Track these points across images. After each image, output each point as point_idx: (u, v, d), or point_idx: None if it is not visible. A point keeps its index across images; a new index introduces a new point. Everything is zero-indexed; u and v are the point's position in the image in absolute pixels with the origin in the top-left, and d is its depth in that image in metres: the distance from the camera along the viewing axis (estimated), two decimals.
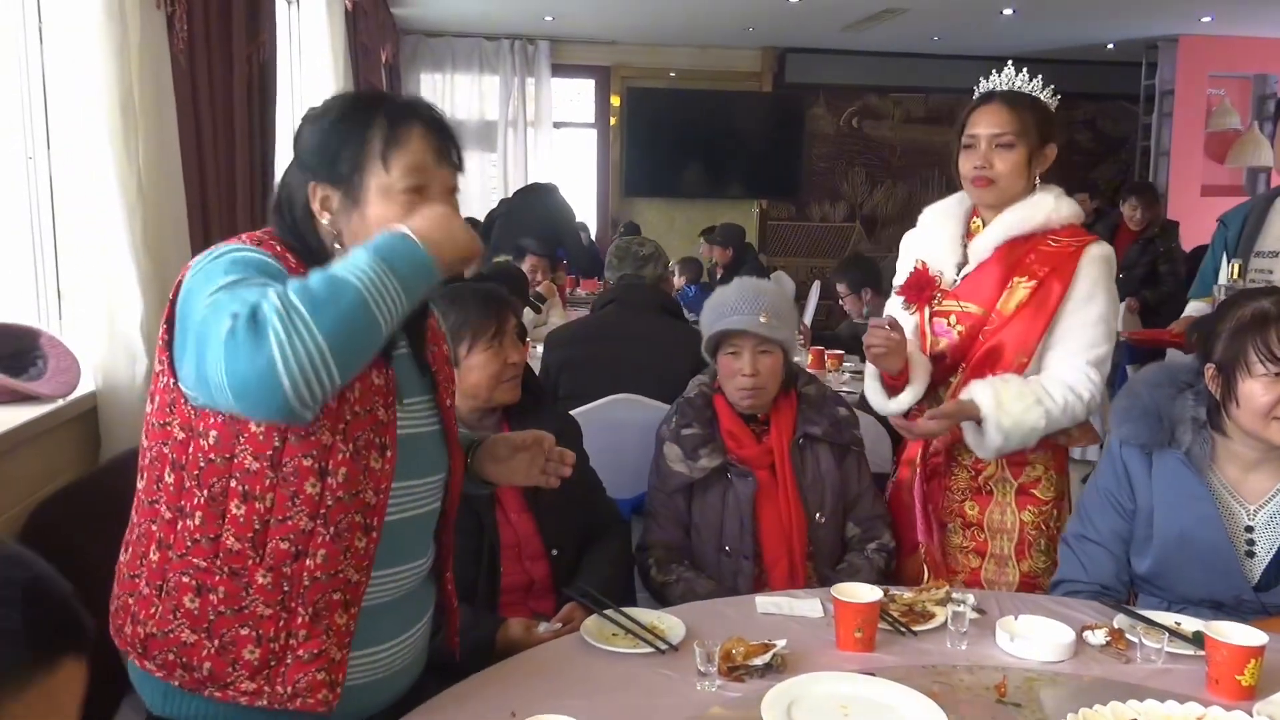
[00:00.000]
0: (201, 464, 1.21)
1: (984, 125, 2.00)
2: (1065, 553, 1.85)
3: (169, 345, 1.21)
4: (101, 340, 2.02)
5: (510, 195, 6.92)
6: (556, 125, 8.78)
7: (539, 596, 1.91)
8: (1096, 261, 1.98)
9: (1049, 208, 2.01)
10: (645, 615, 1.58)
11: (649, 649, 1.48)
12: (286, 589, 1.22)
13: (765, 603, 1.67)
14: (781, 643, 1.45)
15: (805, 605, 1.66)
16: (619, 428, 2.36)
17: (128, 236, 1.99)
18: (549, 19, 7.73)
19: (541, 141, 8.60)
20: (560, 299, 5.29)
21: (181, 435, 1.22)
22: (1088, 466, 3.40)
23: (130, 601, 1.26)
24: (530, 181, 7.21)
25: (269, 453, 1.20)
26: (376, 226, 1.19)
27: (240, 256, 1.18)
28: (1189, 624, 1.56)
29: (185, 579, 1.23)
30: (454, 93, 8.50)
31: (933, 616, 1.60)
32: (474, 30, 8.32)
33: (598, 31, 8.34)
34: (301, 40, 4.74)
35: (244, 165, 2.66)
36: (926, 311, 2.10)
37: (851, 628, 1.50)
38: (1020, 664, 1.47)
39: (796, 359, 2.25)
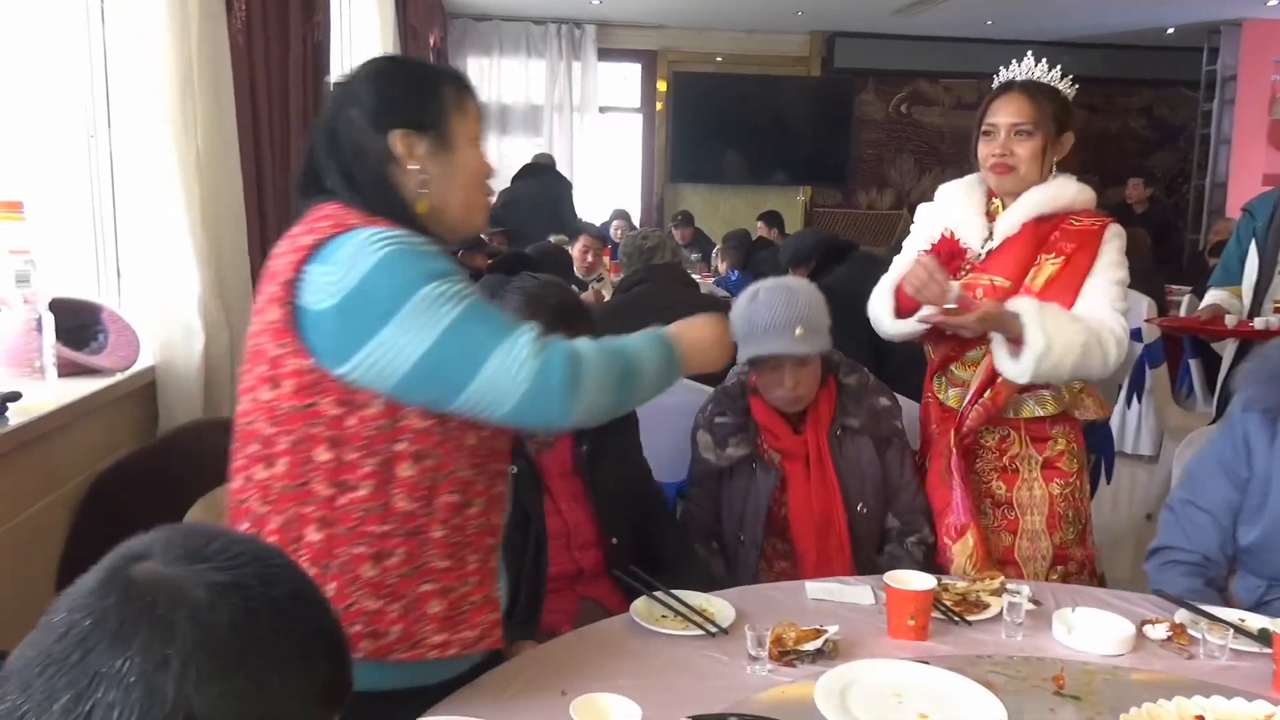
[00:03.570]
0: (367, 433, 1.21)
1: (1003, 114, 2.06)
2: (1168, 519, 1.77)
3: (293, 327, 1.20)
4: (159, 316, 2.05)
5: (522, 177, 6.52)
6: (602, 110, 8.77)
7: (588, 583, 1.91)
8: (1119, 237, 2.06)
9: (1073, 190, 2.08)
10: (694, 598, 1.58)
11: (698, 631, 1.47)
12: (457, 540, 1.29)
13: (815, 588, 1.66)
14: (834, 628, 1.43)
15: (856, 592, 1.65)
16: (661, 412, 2.34)
17: (185, 215, 2.02)
18: (596, 2, 7.72)
19: (587, 126, 8.60)
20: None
21: (337, 411, 1.21)
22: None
23: None
24: (535, 158, 6.88)
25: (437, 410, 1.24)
26: (464, 170, 1.33)
27: (420, 250, 1.22)
28: (1253, 621, 1.52)
29: (359, 550, 1.23)
30: (500, 76, 8.53)
31: (987, 606, 1.57)
32: (521, 14, 8.33)
33: (644, 15, 8.31)
34: (353, 22, 4.78)
35: (299, 145, 2.68)
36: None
37: (904, 616, 1.48)
38: (1078, 656, 1.44)
39: None
